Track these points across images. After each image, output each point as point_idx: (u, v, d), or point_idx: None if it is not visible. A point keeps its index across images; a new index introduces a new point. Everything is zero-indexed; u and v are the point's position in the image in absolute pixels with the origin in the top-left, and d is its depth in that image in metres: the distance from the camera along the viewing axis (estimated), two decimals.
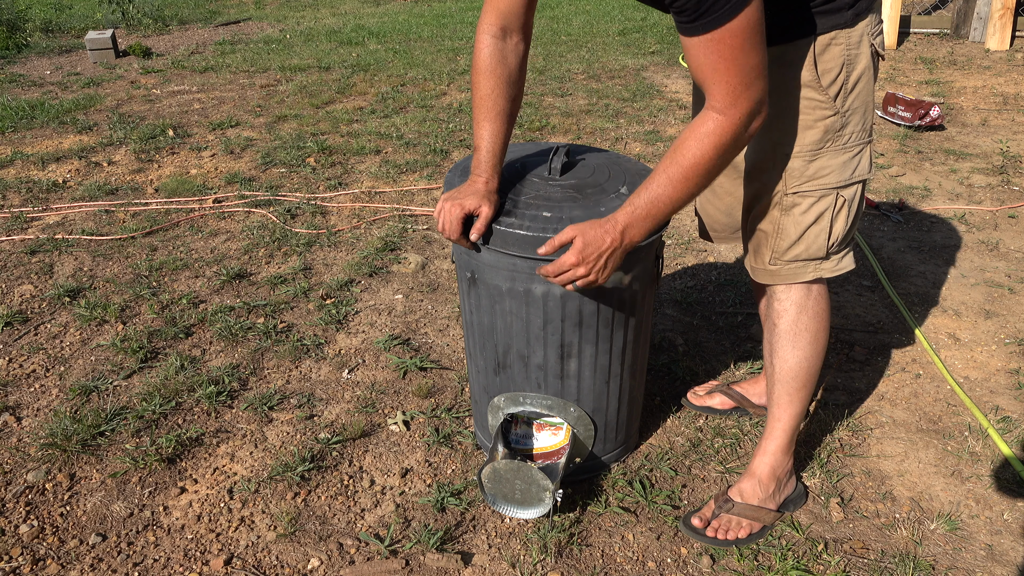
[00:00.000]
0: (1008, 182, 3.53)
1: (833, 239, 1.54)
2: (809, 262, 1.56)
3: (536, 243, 1.51)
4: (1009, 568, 1.63)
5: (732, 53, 1.23)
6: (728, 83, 1.26)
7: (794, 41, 1.41)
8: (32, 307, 2.63)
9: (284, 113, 4.71)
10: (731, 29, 1.20)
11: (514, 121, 1.62)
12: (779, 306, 1.62)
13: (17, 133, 4.40)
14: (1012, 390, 2.17)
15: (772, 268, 1.59)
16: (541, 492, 1.61)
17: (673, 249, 2.98)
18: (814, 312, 1.61)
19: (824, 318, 1.63)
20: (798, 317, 1.61)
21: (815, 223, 1.51)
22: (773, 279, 1.60)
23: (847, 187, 1.50)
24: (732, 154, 1.34)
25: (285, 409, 2.13)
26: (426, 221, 3.27)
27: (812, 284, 1.59)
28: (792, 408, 1.67)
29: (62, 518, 1.77)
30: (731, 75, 1.25)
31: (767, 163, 1.51)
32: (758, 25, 1.22)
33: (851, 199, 1.52)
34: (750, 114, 1.29)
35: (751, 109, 1.28)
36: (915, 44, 6.14)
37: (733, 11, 1.18)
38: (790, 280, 1.58)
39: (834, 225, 1.52)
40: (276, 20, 8.16)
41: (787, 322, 1.62)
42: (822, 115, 1.44)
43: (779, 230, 1.54)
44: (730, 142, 1.31)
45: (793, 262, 1.56)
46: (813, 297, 1.60)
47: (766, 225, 1.56)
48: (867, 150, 1.51)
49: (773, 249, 1.57)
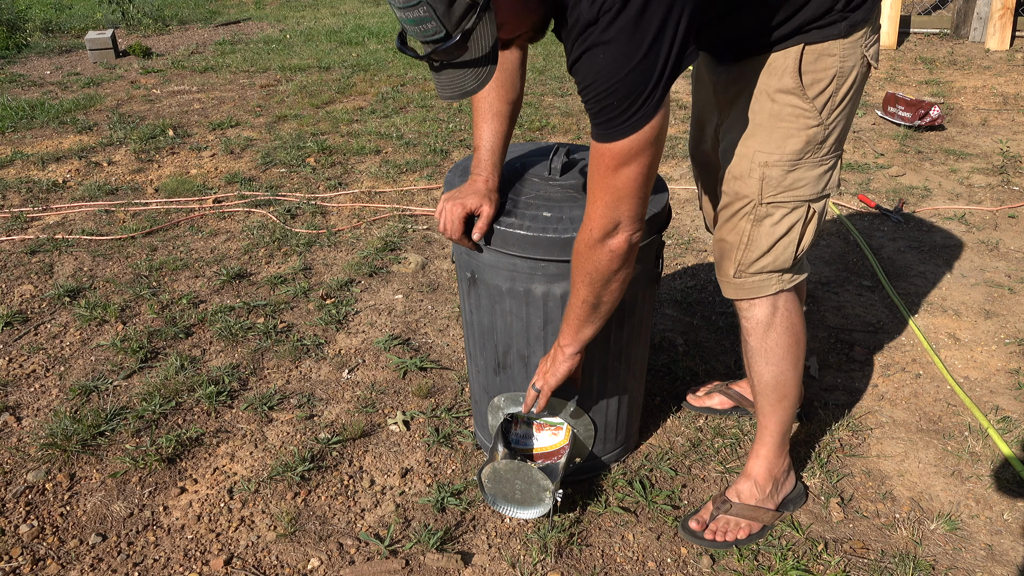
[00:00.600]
0: (1008, 182, 3.53)
1: (801, 250, 1.52)
2: (774, 274, 1.53)
3: (536, 243, 1.51)
4: (1009, 568, 1.63)
5: (606, 171, 1.26)
6: (594, 195, 1.30)
7: (784, 49, 1.38)
8: (32, 307, 2.63)
9: (284, 113, 4.71)
10: (612, 148, 1.24)
11: (514, 122, 1.62)
12: (746, 324, 1.60)
13: (17, 133, 4.40)
14: (1012, 390, 2.17)
15: (736, 281, 1.56)
16: (541, 492, 1.61)
17: (673, 249, 2.98)
18: (783, 328, 1.58)
19: (795, 330, 1.60)
20: (765, 335, 1.59)
21: (786, 235, 1.49)
22: (737, 293, 1.57)
23: (818, 200, 1.49)
24: (592, 264, 1.36)
25: (285, 409, 2.13)
26: (426, 221, 3.27)
27: (777, 299, 1.56)
28: (776, 416, 1.67)
29: (62, 518, 1.77)
30: (598, 189, 1.29)
31: (743, 169, 1.47)
32: (643, 149, 1.23)
33: (820, 211, 1.50)
34: (603, 231, 1.31)
35: (605, 227, 1.31)
36: (915, 44, 6.14)
37: (625, 131, 1.21)
38: (754, 294, 1.55)
39: (803, 237, 1.51)
40: (276, 20, 8.16)
41: (756, 340, 1.60)
42: (805, 124, 1.41)
43: (748, 241, 1.51)
44: (584, 252, 1.36)
45: (758, 274, 1.53)
46: (780, 313, 1.57)
47: (732, 236, 1.53)
48: (839, 164, 1.50)
49: (739, 261, 1.53)
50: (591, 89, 1.20)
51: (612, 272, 1.37)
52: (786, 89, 1.40)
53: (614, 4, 1.12)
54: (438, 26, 1.11)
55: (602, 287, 1.39)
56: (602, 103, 1.19)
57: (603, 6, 1.12)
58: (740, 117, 1.47)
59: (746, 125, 1.46)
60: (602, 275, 1.37)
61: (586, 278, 1.39)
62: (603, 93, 1.18)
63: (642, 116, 1.19)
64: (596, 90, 1.19)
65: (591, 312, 1.44)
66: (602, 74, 1.17)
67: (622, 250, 1.33)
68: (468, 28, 1.10)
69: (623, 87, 1.17)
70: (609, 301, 1.42)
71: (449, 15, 1.09)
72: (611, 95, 1.18)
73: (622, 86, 1.17)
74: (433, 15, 1.09)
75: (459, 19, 1.10)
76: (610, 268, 1.36)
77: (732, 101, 1.50)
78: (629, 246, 1.34)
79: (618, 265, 1.36)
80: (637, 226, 1.33)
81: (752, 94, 1.44)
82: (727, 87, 1.51)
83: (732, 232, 1.53)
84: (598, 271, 1.36)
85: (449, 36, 1.12)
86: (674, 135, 4.15)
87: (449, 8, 1.09)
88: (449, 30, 1.11)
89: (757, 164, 1.45)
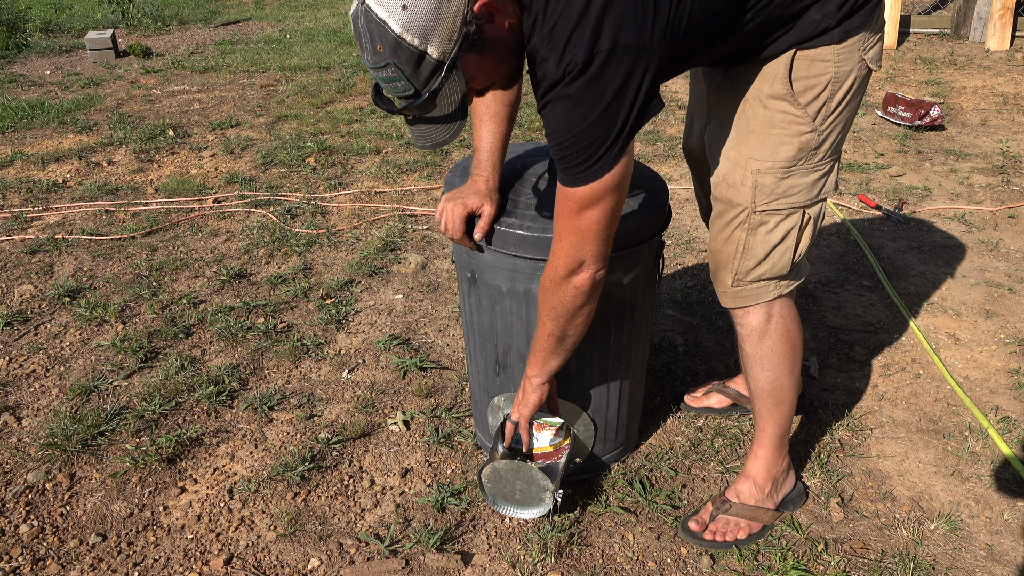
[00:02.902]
0: (1008, 182, 3.53)
1: (798, 256, 1.52)
2: (771, 281, 1.53)
3: (536, 243, 1.51)
4: (1009, 568, 1.63)
5: (569, 213, 1.31)
6: (559, 235, 1.35)
7: (777, 56, 1.37)
8: (32, 307, 2.63)
9: (284, 113, 4.71)
10: (575, 193, 1.28)
11: (513, 122, 1.62)
12: (742, 331, 1.60)
13: (17, 133, 4.40)
14: (1012, 390, 2.17)
15: (735, 290, 1.55)
16: (541, 492, 1.61)
17: (673, 249, 2.98)
18: (778, 334, 1.58)
19: (791, 336, 1.59)
20: (760, 341, 1.58)
21: (782, 242, 1.49)
22: (736, 301, 1.57)
23: (813, 205, 1.48)
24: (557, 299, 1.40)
25: (285, 409, 2.13)
26: (426, 221, 3.27)
27: (772, 305, 1.56)
28: (773, 419, 1.67)
29: (62, 518, 1.77)
30: (563, 229, 1.33)
31: (736, 176, 1.47)
32: (604, 196, 1.27)
33: (816, 217, 1.50)
34: (568, 268, 1.36)
35: (570, 265, 1.35)
36: (915, 44, 6.14)
37: (585, 179, 1.25)
38: (753, 301, 1.55)
39: (800, 243, 1.50)
40: (276, 20, 8.16)
41: (751, 346, 1.60)
42: (798, 131, 1.40)
43: (744, 250, 1.50)
44: (549, 288, 1.40)
45: (756, 282, 1.53)
46: (775, 319, 1.57)
47: (728, 246, 1.53)
48: (835, 168, 1.49)
49: (736, 270, 1.53)
50: (553, 138, 1.25)
51: (577, 308, 1.41)
52: (777, 95, 1.39)
53: (577, 65, 1.16)
54: (407, 85, 1.16)
55: (567, 321, 1.43)
56: (563, 152, 1.25)
57: (567, 66, 1.17)
58: (728, 120, 1.47)
59: (735, 129, 1.46)
60: (567, 310, 1.41)
61: (551, 312, 1.42)
62: (564, 144, 1.23)
63: (602, 166, 1.23)
64: (557, 140, 1.24)
65: (557, 344, 1.48)
66: (562, 126, 1.22)
67: (586, 287, 1.37)
68: (435, 88, 1.16)
69: (582, 140, 1.21)
70: (574, 334, 1.47)
71: (416, 75, 1.15)
72: (571, 146, 1.23)
73: (581, 139, 1.21)
74: (401, 75, 1.15)
75: (427, 79, 1.16)
76: (575, 304, 1.40)
77: (723, 102, 1.49)
78: (593, 283, 1.38)
79: (582, 301, 1.40)
80: (600, 264, 1.37)
81: (744, 98, 1.43)
82: (720, 87, 1.51)
83: (727, 242, 1.52)
84: (563, 306, 1.40)
85: (418, 94, 1.17)
86: (674, 135, 4.15)
87: (416, 69, 1.14)
88: (418, 89, 1.17)
89: (750, 171, 1.44)
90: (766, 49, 1.37)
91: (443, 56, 1.14)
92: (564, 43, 1.15)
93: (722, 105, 1.50)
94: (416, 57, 1.13)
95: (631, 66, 1.16)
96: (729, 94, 1.47)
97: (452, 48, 1.14)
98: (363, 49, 1.16)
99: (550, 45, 1.17)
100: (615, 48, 1.14)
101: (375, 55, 1.15)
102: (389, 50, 1.13)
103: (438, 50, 1.13)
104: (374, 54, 1.15)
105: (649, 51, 1.17)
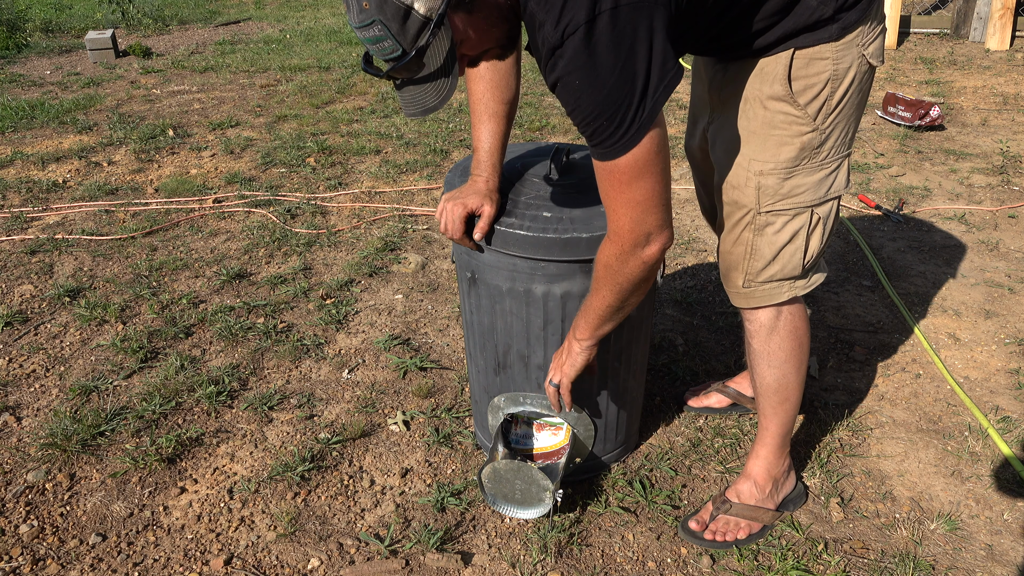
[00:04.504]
0: (1008, 182, 3.53)
1: (809, 256, 1.50)
2: (784, 282, 1.52)
3: (537, 243, 1.51)
4: (1009, 568, 1.63)
5: (620, 187, 1.25)
6: (615, 211, 1.29)
7: (775, 54, 1.36)
8: (32, 307, 2.63)
9: (284, 113, 4.71)
10: (619, 165, 1.22)
11: (511, 121, 1.62)
12: (750, 327, 1.60)
13: (17, 133, 4.40)
14: (1012, 390, 2.17)
15: (746, 291, 1.55)
16: (541, 492, 1.61)
17: (673, 249, 2.98)
18: (786, 332, 1.57)
19: (799, 334, 1.59)
20: (768, 338, 1.58)
21: (790, 242, 1.48)
22: (748, 302, 1.56)
23: (822, 204, 1.46)
24: (624, 275, 1.36)
25: (285, 409, 2.13)
26: (426, 221, 3.27)
27: (782, 305, 1.55)
28: (777, 418, 1.67)
29: (62, 518, 1.77)
30: (618, 205, 1.28)
31: (740, 178, 1.46)
32: (650, 161, 1.22)
33: (826, 216, 1.48)
34: (635, 243, 1.30)
35: (636, 239, 1.30)
36: (915, 44, 6.14)
37: (622, 149, 1.20)
38: (765, 302, 1.54)
39: (810, 243, 1.49)
40: (276, 20, 8.17)
41: (759, 343, 1.60)
42: (799, 131, 1.40)
43: (752, 251, 1.50)
44: (615, 264, 1.35)
45: (768, 283, 1.52)
46: (784, 317, 1.56)
47: (737, 248, 1.52)
48: (845, 164, 1.47)
49: (746, 271, 1.52)
50: (577, 113, 1.20)
51: (643, 280, 1.37)
52: (776, 96, 1.38)
53: (577, 27, 1.11)
54: (395, 44, 1.14)
55: (631, 293, 1.39)
56: (592, 125, 1.19)
57: (566, 29, 1.12)
58: (730, 120, 1.46)
59: (737, 130, 1.45)
60: (633, 283, 1.37)
61: (615, 287, 1.38)
62: (590, 115, 1.18)
63: (637, 130, 1.18)
64: (581, 113, 1.19)
65: (614, 313, 1.44)
66: (582, 97, 1.17)
67: (654, 259, 1.33)
68: (422, 45, 1.13)
69: (607, 107, 1.16)
70: (634, 303, 1.43)
71: (404, 33, 1.12)
72: (598, 116, 1.17)
73: (605, 106, 1.16)
74: (388, 34, 1.12)
75: (414, 36, 1.13)
76: (642, 277, 1.36)
77: (724, 101, 1.49)
78: (662, 253, 1.33)
79: (649, 273, 1.36)
80: (668, 233, 1.32)
81: (744, 98, 1.43)
82: (721, 87, 1.51)
83: (736, 243, 1.52)
84: (630, 280, 1.36)
85: (406, 54, 1.15)
86: (674, 135, 4.15)
87: (403, 26, 1.12)
88: (405, 48, 1.14)
89: (753, 173, 1.44)
90: (761, 36, 1.35)
91: (430, 12, 1.11)
92: (561, 4, 1.12)
93: (723, 105, 1.49)
94: (402, 13, 1.10)
95: (638, 21, 1.12)
96: (730, 93, 1.46)
97: (439, 3, 1.11)
98: (349, 9, 1.14)
99: (547, 8, 1.13)
100: (619, 5, 1.10)
101: (361, 12, 1.12)
102: (375, 6, 1.10)
103: (425, 5, 1.10)
104: (360, 12, 1.12)
105: (654, 5, 1.13)
